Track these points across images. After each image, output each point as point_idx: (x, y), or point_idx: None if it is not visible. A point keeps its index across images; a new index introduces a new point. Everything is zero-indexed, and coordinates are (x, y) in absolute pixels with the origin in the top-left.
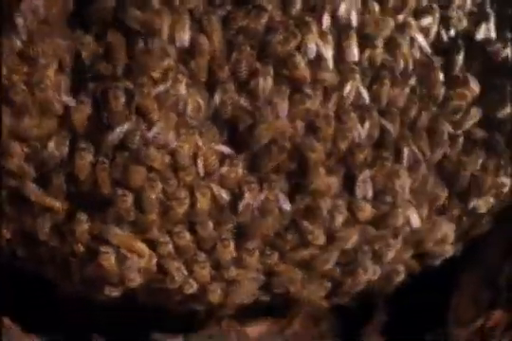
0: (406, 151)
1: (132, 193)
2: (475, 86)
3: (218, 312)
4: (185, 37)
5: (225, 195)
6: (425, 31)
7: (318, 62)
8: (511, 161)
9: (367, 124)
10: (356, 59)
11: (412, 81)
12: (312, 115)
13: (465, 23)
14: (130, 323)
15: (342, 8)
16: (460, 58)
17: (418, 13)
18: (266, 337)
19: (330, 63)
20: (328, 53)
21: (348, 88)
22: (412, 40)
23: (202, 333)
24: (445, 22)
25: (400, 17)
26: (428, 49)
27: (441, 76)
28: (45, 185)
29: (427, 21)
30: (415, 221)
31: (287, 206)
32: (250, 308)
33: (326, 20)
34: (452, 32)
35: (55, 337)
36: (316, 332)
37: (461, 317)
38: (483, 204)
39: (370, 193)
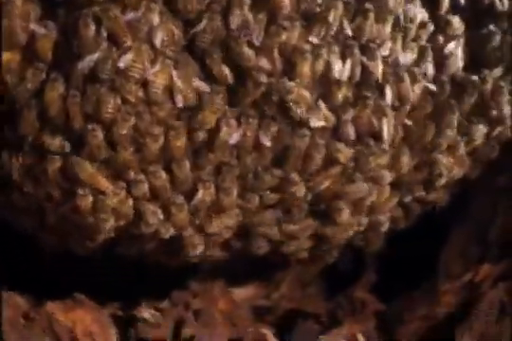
0: (388, 90)
1: (103, 128)
2: (460, 27)
3: (199, 262)
4: None
5: (201, 132)
6: None
7: None
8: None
9: (348, 62)
10: None
11: (396, 17)
12: (289, 49)
13: None
14: (115, 286)
15: None
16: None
17: None
18: (253, 300)
19: None
20: None
21: (331, 18)
22: None
23: (187, 293)
24: None
25: None
26: None
27: (426, 16)
28: (16, 122)
29: None
30: (401, 163)
31: (267, 142)
32: (237, 272)
33: None
34: None
35: (37, 295)
36: (303, 295)
37: (450, 272)
38: (469, 150)
39: (352, 135)
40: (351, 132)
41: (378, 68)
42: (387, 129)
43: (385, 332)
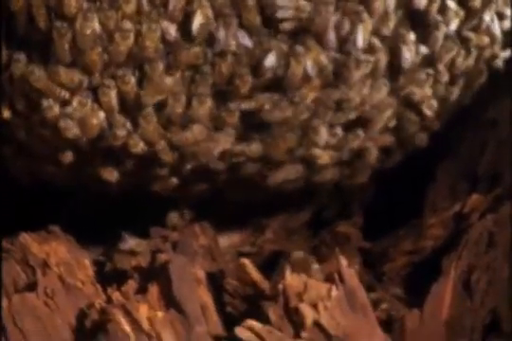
0: None
1: (70, 26)
2: None
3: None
4: None
5: (173, 31)
6: None
7: None
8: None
9: None
10: None
11: None
12: None
13: None
14: (95, 219)
15: None
16: None
17: None
18: (238, 247)
19: None
20: None
21: None
22: None
23: (165, 229)
24: None
25: None
26: None
27: None
28: None
29: None
30: None
31: (248, 43)
32: (221, 219)
33: None
34: None
35: (13, 228)
36: (288, 240)
37: (437, 207)
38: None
39: (333, 42)
40: (331, 37)
41: None
42: (362, 35)
43: (371, 270)
